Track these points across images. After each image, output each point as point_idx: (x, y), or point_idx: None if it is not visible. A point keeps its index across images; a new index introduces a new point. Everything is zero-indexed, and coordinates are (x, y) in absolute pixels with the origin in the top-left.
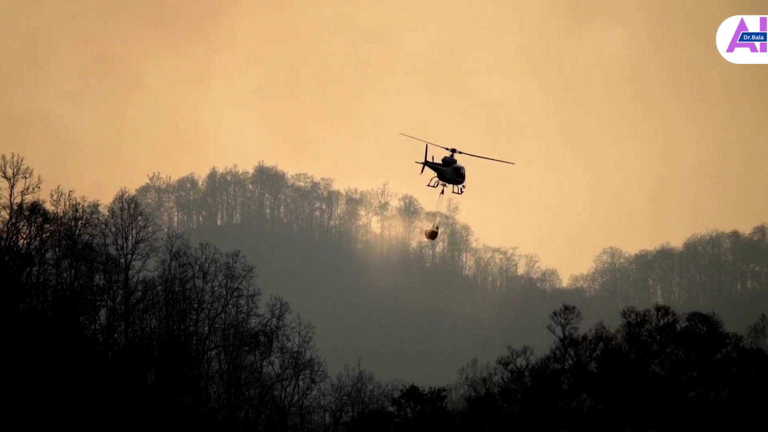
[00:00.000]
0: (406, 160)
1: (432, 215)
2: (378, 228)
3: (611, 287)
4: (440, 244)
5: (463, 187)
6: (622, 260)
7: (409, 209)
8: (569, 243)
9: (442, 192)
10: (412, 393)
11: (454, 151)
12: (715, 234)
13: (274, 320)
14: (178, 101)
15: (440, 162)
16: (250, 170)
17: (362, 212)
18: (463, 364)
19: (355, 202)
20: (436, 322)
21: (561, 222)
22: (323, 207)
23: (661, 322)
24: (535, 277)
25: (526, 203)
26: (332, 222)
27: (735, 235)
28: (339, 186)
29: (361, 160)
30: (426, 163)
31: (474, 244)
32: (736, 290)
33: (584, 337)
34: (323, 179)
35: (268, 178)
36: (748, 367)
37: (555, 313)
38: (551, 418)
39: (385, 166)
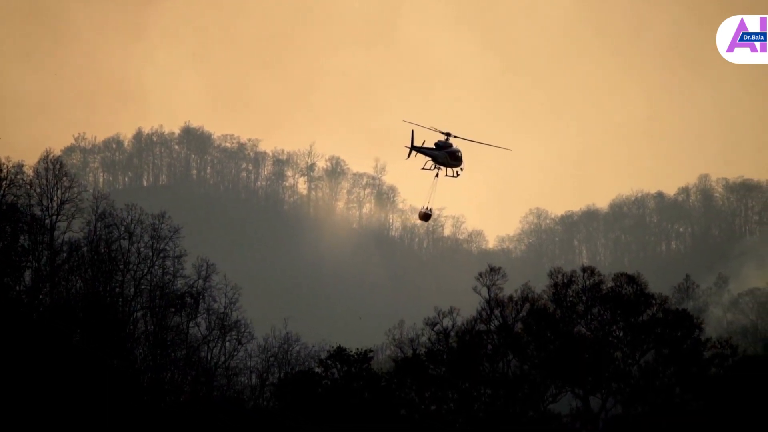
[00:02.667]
0: (334, 121)
1: (359, 176)
2: (305, 189)
3: (537, 248)
4: (366, 205)
5: (461, 169)
6: (548, 221)
7: (336, 170)
8: (495, 204)
9: (437, 175)
10: (339, 354)
11: (449, 135)
12: (640, 195)
13: (201, 281)
14: (110, 58)
15: (433, 146)
16: (177, 131)
17: (289, 173)
18: (389, 325)
19: (281, 163)
20: (363, 283)
21: (487, 183)
22: (250, 168)
23: (588, 282)
24: (461, 238)
25: None
26: (259, 183)
27: (660, 195)
28: (266, 147)
29: (289, 120)
30: (413, 148)
31: (401, 205)
32: (660, 251)
33: (510, 298)
34: (250, 140)
35: (194, 138)
36: (673, 328)
37: (480, 274)
38: (477, 378)
39: (313, 127)
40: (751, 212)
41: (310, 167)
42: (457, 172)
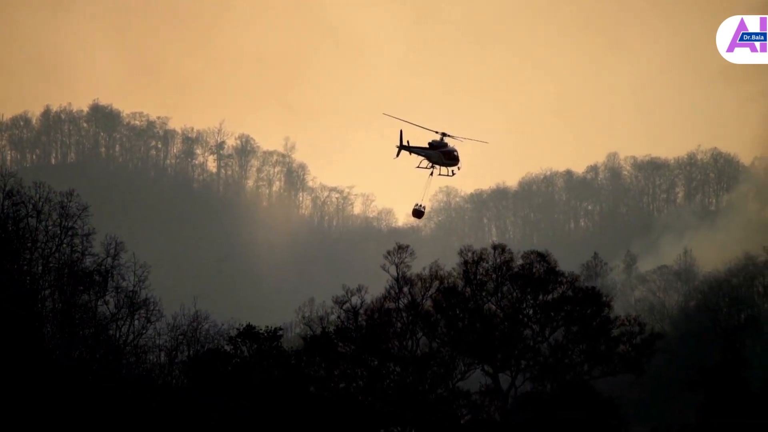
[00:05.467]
0: (244, 99)
1: (268, 154)
2: (214, 167)
3: (447, 226)
4: (276, 183)
5: (459, 167)
6: (457, 199)
7: (246, 148)
8: (405, 182)
9: (431, 174)
10: (249, 332)
11: (444, 135)
12: (549, 173)
13: (109, 260)
14: (17, 34)
15: (426, 146)
16: (85, 108)
17: (198, 151)
18: (299, 303)
19: (191, 141)
20: (273, 261)
21: (397, 161)
22: (159, 146)
23: (498, 260)
24: (371, 216)
25: (364, 143)
26: (168, 161)
27: (569, 174)
28: (175, 125)
29: (199, 98)
30: (404, 147)
31: (311, 183)
32: (569, 229)
33: (419, 276)
34: (159, 118)
35: (103, 116)
36: (582, 306)
37: (389, 252)
38: (386, 356)
39: (222, 105)
40: (658, 190)
41: (220, 145)
42: (453, 171)
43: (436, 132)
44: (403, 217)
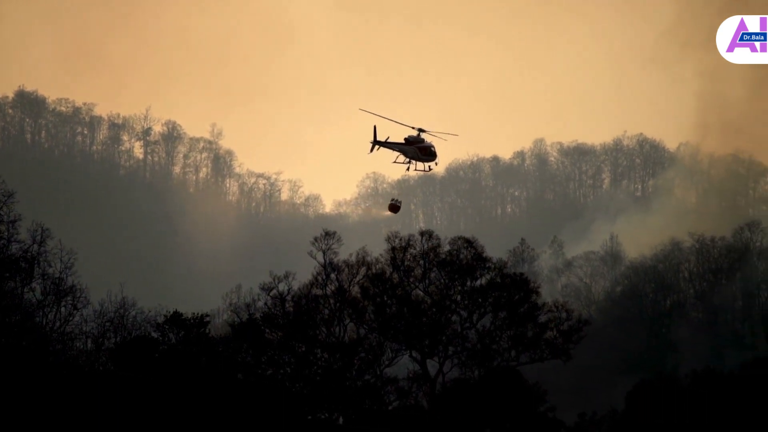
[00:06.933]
0: (171, 85)
1: (195, 140)
2: (141, 154)
3: (374, 212)
4: (203, 170)
5: (436, 163)
6: (384, 185)
7: (172, 134)
8: (332, 168)
9: (408, 168)
10: (176, 319)
11: (421, 130)
12: (475, 159)
13: (36, 246)
14: None
15: (402, 141)
16: (10, 94)
17: (125, 137)
18: (226, 289)
19: (117, 127)
20: (200, 247)
21: (325, 147)
22: (85, 132)
23: (425, 246)
24: (298, 202)
25: (291, 129)
26: (94, 147)
27: (495, 160)
28: (101, 111)
29: (125, 83)
30: (378, 143)
31: (238, 170)
32: (496, 215)
33: (346, 262)
34: (85, 104)
35: (28, 102)
36: (510, 292)
37: (316, 239)
38: (313, 342)
39: (149, 91)
40: (585, 176)
41: (146, 131)
42: (429, 166)
43: (413, 128)
44: (330, 204)
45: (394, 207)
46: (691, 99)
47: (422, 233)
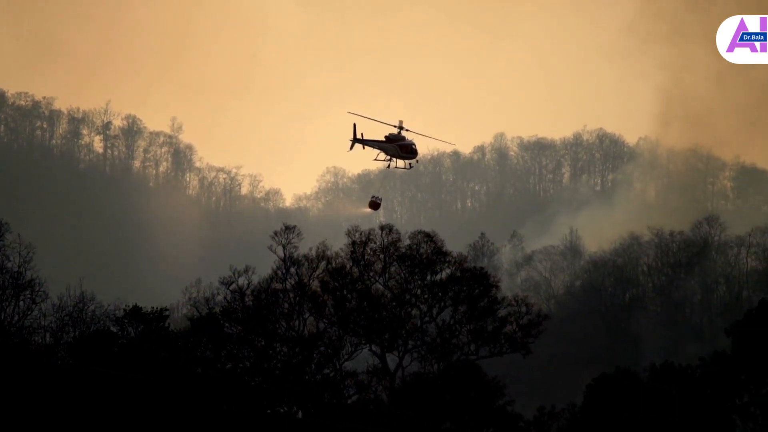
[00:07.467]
0: (131, 79)
1: (155, 134)
2: (101, 148)
3: (335, 206)
4: (163, 164)
5: (417, 161)
6: (345, 180)
7: (133, 129)
8: (293, 163)
9: (388, 166)
10: (135, 313)
11: (401, 128)
12: (436, 153)
13: None
14: None
15: (383, 139)
16: None
17: (85, 132)
18: (186, 283)
19: (77, 121)
20: (160, 241)
21: (285, 141)
22: (45, 126)
23: (386, 240)
24: (258, 196)
25: (251, 123)
26: (54, 141)
27: (456, 154)
28: (61, 105)
29: (85, 77)
30: (357, 140)
31: (198, 164)
32: (456, 209)
33: (306, 257)
34: (44, 98)
35: None
36: (470, 286)
37: (276, 233)
38: (273, 336)
39: (109, 85)
40: (544, 171)
41: (106, 126)
42: (410, 164)
43: (394, 126)
44: (290, 198)
45: (375, 204)
46: (651, 93)
47: (382, 227)
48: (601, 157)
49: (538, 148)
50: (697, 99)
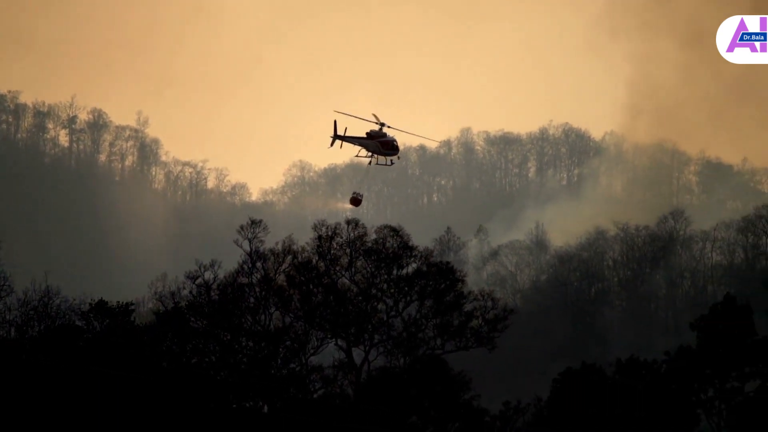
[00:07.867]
0: (96, 72)
1: (121, 128)
2: (66, 142)
3: (301, 201)
4: (129, 158)
5: (397, 158)
6: (311, 174)
7: (98, 123)
8: (259, 157)
9: (370, 162)
10: (101, 307)
11: (383, 125)
12: (402, 147)
13: None
14: None
15: (364, 135)
16: None
17: (50, 125)
18: (152, 278)
19: (42, 115)
20: (126, 235)
21: (251, 135)
22: (10, 120)
23: (352, 235)
24: (224, 190)
25: (217, 117)
26: (19, 135)
27: (422, 148)
28: (26, 98)
29: (51, 71)
30: (337, 137)
31: (164, 158)
32: (422, 203)
33: (272, 251)
34: (10, 92)
35: None
36: (436, 281)
37: (242, 227)
38: (238, 330)
39: (75, 78)
40: (511, 165)
41: (72, 119)
42: (391, 160)
43: (376, 122)
44: (257, 192)
45: (356, 200)
46: (618, 88)
47: (348, 222)
48: (567, 151)
49: (504, 142)
50: (666, 91)
